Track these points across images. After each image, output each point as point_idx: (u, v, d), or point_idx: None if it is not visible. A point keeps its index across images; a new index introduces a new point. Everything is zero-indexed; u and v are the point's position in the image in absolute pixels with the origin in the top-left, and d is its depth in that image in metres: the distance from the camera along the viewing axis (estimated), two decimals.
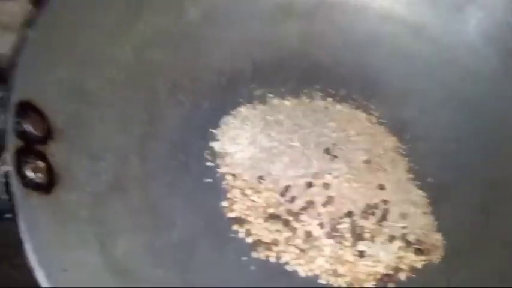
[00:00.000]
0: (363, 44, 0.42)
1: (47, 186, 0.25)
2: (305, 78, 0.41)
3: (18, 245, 0.23)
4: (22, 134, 0.25)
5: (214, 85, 0.39)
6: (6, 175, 0.23)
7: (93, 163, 0.30)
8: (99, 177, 0.30)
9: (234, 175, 0.36)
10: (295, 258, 0.33)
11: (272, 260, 0.33)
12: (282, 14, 0.41)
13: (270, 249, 0.34)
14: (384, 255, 0.34)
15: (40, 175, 0.25)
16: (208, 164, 0.36)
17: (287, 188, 0.36)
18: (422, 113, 0.40)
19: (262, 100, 0.40)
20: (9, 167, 0.23)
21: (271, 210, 0.35)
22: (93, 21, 0.32)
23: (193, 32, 0.38)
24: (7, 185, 0.23)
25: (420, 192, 0.37)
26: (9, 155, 0.23)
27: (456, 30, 0.41)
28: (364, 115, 0.41)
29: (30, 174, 0.24)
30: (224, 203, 0.35)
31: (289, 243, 0.34)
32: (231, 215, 0.35)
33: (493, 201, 0.36)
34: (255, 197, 0.35)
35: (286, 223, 0.35)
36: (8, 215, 0.23)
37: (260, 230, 0.34)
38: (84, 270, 0.25)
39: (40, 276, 0.22)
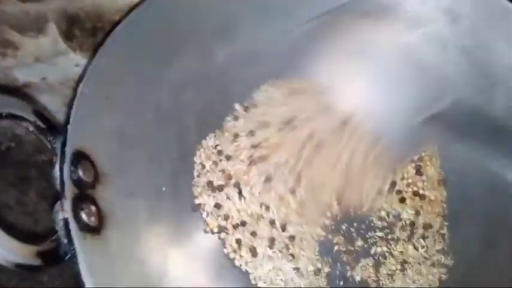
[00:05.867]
0: None
1: (97, 228, 0.28)
2: None
3: None
4: (76, 182, 0.28)
5: None
6: (65, 221, 0.26)
7: (131, 201, 0.33)
8: (137, 214, 0.33)
9: None
10: None
11: None
12: (299, 57, 0.43)
13: None
14: None
15: (93, 219, 0.28)
16: None
17: None
18: None
19: None
20: (67, 214, 0.26)
21: None
22: (133, 71, 0.35)
23: (220, 73, 0.41)
24: (67, 229, 0.26)
25: None
26: (67, 203, 0.27)
27: (463, 72, 0.43)
28: None
29: (85, 218, 0.27)
30: None
31: None
32: None
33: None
34: None
35: None
36: (68, 257, 0.26)
37: None
38: None
39: None
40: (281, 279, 0.38)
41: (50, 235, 0.27)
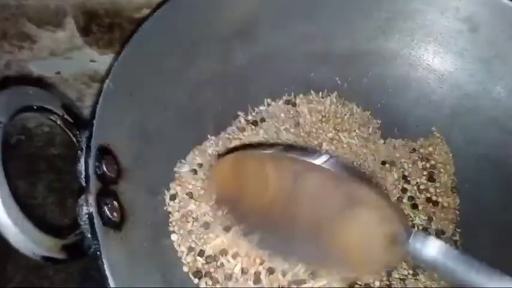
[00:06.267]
0: (393, 88, 0.45)
1: (119, 224, 0.29)
2: None
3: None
4: (100, 176, 0.28)
5: None
6: (89, 215, 0.26)
7: (151, 198, 0.33)
8: (157, 210, 0.33)
9: None
10: None
11: None
12: (318, 60, 0.44)
13: None
14: None
15: (115, 214, 0.28)
16: None
17: None
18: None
19: None
20: (92, 208, 0.26)
21: None
22: (155, 69, 0.35)
23: (238, 74, 0.41)
24: (91, 224, 0.26)
25: None
26: (91, 197, 0.27)
27: (480, 80, 0.43)
28: None
29: (108, 213, 0.27)
30: None
31: None
32: None
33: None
34: None
35: None
36: (91, 251, 0.26)
37: None
38: None
39: None
40: None
41: (74, 229, 0.27)
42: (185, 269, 0.34)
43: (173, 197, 0.37)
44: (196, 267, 0.35)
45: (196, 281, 0.34)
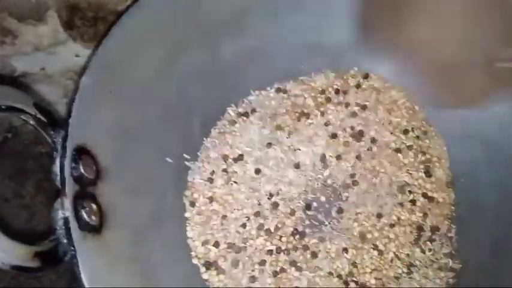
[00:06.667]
0: None
1: (98, 228, 0.27)
2: None
3: None
4: (77, 178, 0.27)
5: None
6: (65, 220, 0.25)
7: (133, 199, 0.32)
8: (139, 212, 0.32)
9: None
10: None
11: None
12: (308, 52, 0.42)
13: None
14: None
15: (93, 217, 0.27)
16: None
17: None
18: None
19: None
20: (68, 212, 0.25)
21: None
22: (139, 64, 0.34)
23: (228, 69, 0.40)
24: (67, 229, 0.25)
25: None
26: (68, 201, 0.25)
27: None
28: None
29: (85, 217, 0.26)
30: None
31: None
32: None
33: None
34: None
35: None
36: (67, 258, 0.25)
37: None
38: None
39: None
40: None
41: (49, 235, 0.26)
42: (195, 261, 0.36)
43: (192, 204, 0.38)
44: (207, 258, 0.36)
45: (203, 269, 0.36)
